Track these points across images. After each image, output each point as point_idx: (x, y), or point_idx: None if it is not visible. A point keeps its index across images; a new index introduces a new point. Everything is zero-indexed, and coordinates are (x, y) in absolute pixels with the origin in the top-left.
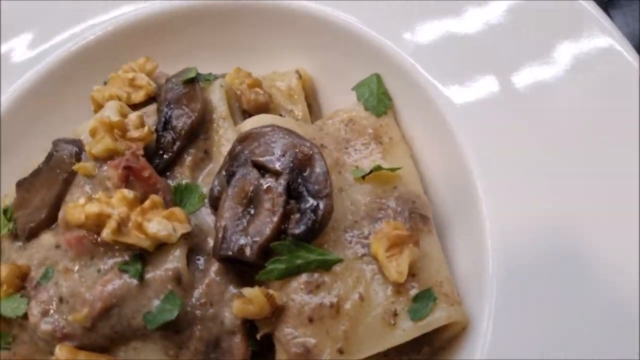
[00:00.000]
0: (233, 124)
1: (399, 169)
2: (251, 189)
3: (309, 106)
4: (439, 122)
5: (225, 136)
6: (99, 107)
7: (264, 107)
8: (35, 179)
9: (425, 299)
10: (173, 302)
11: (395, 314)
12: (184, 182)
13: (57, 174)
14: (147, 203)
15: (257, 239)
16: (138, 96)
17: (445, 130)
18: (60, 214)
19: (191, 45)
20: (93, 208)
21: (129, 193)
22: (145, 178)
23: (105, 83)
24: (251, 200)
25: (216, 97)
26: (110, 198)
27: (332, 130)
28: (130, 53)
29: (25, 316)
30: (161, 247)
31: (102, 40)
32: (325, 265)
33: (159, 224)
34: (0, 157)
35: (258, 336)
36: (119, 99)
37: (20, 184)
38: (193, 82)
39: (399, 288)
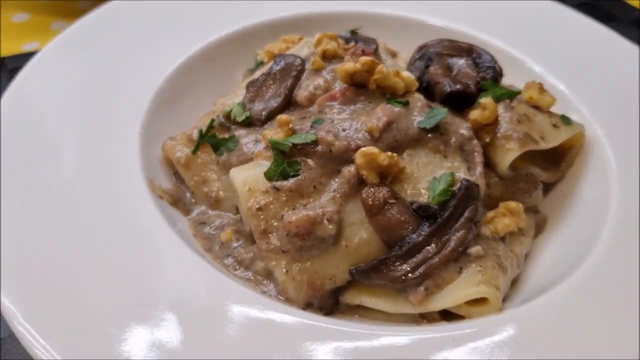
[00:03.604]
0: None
1: None
2: (450, 63)
3: None
4: None
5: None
6: (272, 57)
7: None
8: (266, 79)
9: (564, 117)
10: (437, 112)
11: (557, 123)
12: None
13: (287, 73)
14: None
15: (470, 81)
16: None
17: None
18: (301, 97)
19: None
20: (365, 59)
21: (373, 59)
22: None
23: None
24: (450, 68)
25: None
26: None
27: None
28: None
29: (313, 143)
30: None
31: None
32: (512, 96)
33: (407, 74)
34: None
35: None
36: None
37: (250, 85)
38: (355, 32)
39: (549, 113)
